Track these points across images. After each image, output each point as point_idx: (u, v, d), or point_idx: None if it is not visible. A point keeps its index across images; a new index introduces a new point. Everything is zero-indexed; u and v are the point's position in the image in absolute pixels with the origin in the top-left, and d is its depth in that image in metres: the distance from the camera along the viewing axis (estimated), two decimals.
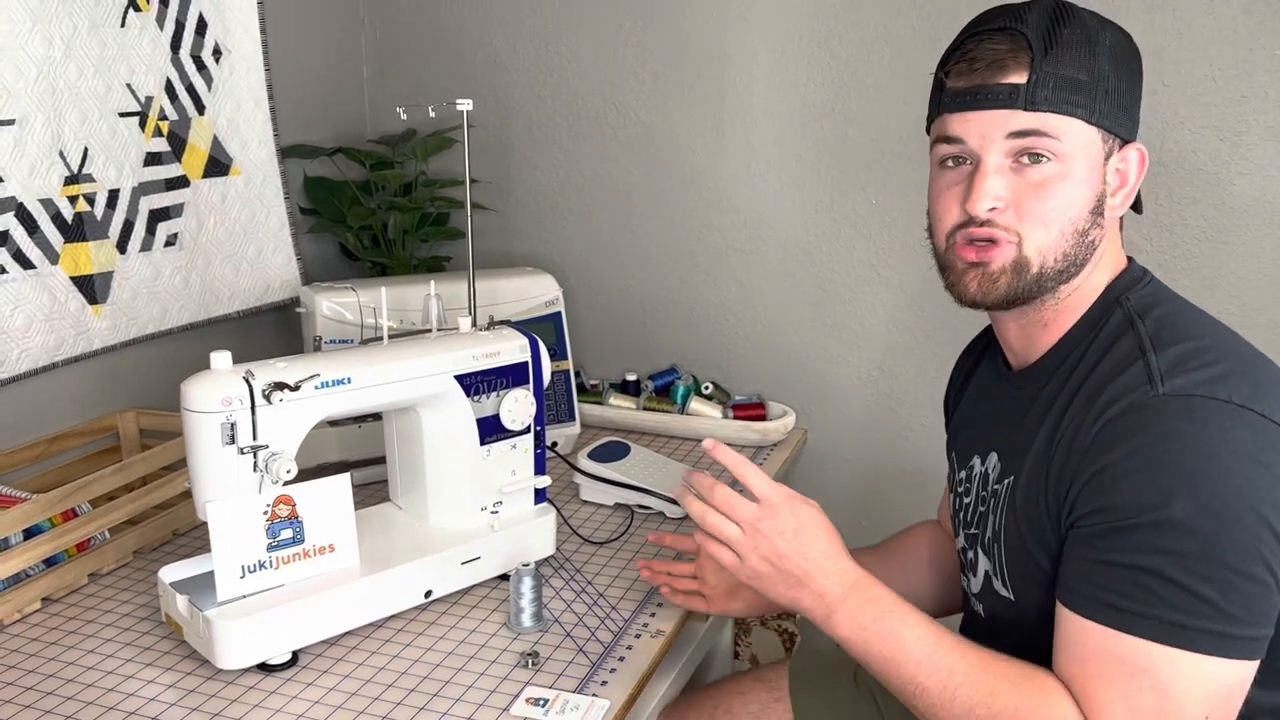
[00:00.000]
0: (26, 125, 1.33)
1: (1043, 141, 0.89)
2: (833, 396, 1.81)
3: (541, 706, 1.01)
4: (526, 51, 1.88)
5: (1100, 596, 0.83)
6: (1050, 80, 0.88)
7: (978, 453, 1.05)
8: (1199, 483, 0.79)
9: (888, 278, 1.73)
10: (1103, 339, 0.92)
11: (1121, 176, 0.94)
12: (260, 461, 1.06)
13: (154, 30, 1.50)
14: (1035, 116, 0.88)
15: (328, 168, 1.86)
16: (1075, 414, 0.88)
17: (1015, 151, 0.90)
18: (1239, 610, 0.79)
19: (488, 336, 1.24)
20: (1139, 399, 0.84)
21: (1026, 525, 0.92)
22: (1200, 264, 1.54)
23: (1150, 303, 0.93)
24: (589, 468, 1.48)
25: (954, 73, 0.92)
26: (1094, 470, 0.84)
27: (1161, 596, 0.80)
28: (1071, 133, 0.89)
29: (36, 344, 1.37)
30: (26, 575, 1.19)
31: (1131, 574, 0.81)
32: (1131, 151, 0.94)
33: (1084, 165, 0.90)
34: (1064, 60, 0.88)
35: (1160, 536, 0.80)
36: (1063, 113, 0.89)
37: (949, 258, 0.95)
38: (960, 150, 0.93)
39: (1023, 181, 0.90)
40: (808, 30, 1.69)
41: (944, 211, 0.95)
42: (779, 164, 1.76)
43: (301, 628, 1.08)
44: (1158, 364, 0.85)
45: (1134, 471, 0.82)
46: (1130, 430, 0.83)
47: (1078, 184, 0.90)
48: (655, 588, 1.24)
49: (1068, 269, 0.92)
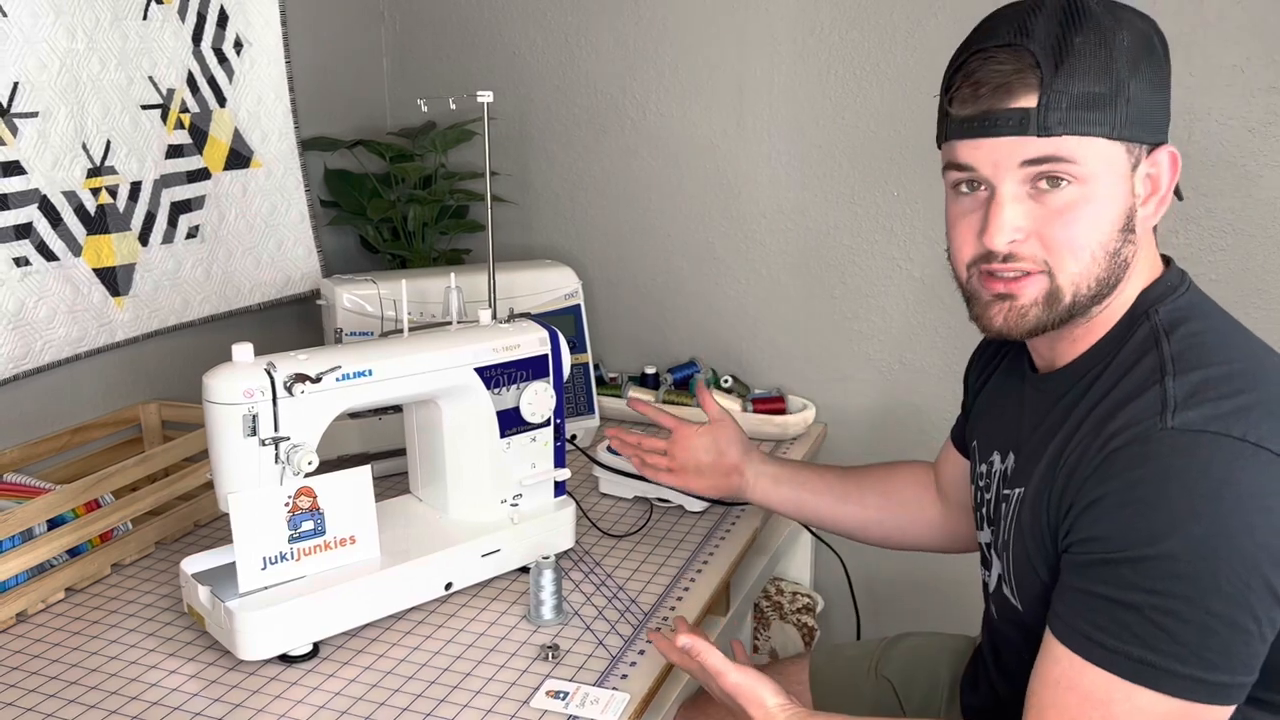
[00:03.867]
0: (50, 118, 1.34)
1: (1060, 167, 0.83)
2: (853, 390, 1.80)
3: (562, 699, 1.01)
4: (545, 44, 1.88)
5: (1077, 625, 0.81)
6: (1063, 100, 0.81)
7: (997, 449, 1.03)
8: (1192, 523, 0.76)
9: (909, 270, 1.72)
10: (1126, 355, 0.87)
11: (1153, 183, 0.87)
12: (282, 453, 1.06)
13: (175, 23, 1.50)
14: (1049, 142, 0.82)
15: (348, 160, 1.86)
16: (1084, 438, 0.85)
17: (1032, 178, 0.84)
18: (1216, 656, 0.76)
19: (508, 329, 1.24)
20: (1145, 431, 0.80)
21: (1032, 540, 0.90)
22: (1227, 257, 1.52)
23: (1180, 317, 0.88)
24: (608, 461, 1.48)
25: (958, 99, 0.86)
26: (1091, 499, 0.81)
27: (1135, 633, 0.77)
28: (1091, 153, 0.83)
29: (60, 336, 1.38)
30: (50, 565, 1.20)
31: (1110, 607, 0.79)
32: (1162, 155, 0.87)
33: (1109, 183, 0.84)
34: (1077, 74, 0.81)
35: (1145, 573, 0.77)
36: (1080, 134, 0.82)
37: (972, 288, 0.91)
38: (973, 176, 0.87)
39: (1043, 209, 0.85)
40: (828, 21, 1.68)
41: (962, 242, 0.90)
42: (799, 156, 1.75)
43: (322, 619, 1.08)
44: (1174, 391, 0.81)
45: (1128, 505, 0.79)
46: (1132, 463, 0.79)
47: (1104, 204, 0.84)
48: (675, 581, 1.24)
49: (1101, 292, 0.87)
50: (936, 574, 1.79)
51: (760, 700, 0.96)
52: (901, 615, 1.80)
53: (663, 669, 1.07)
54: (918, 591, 1.82)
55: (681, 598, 1.21)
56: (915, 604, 1.82)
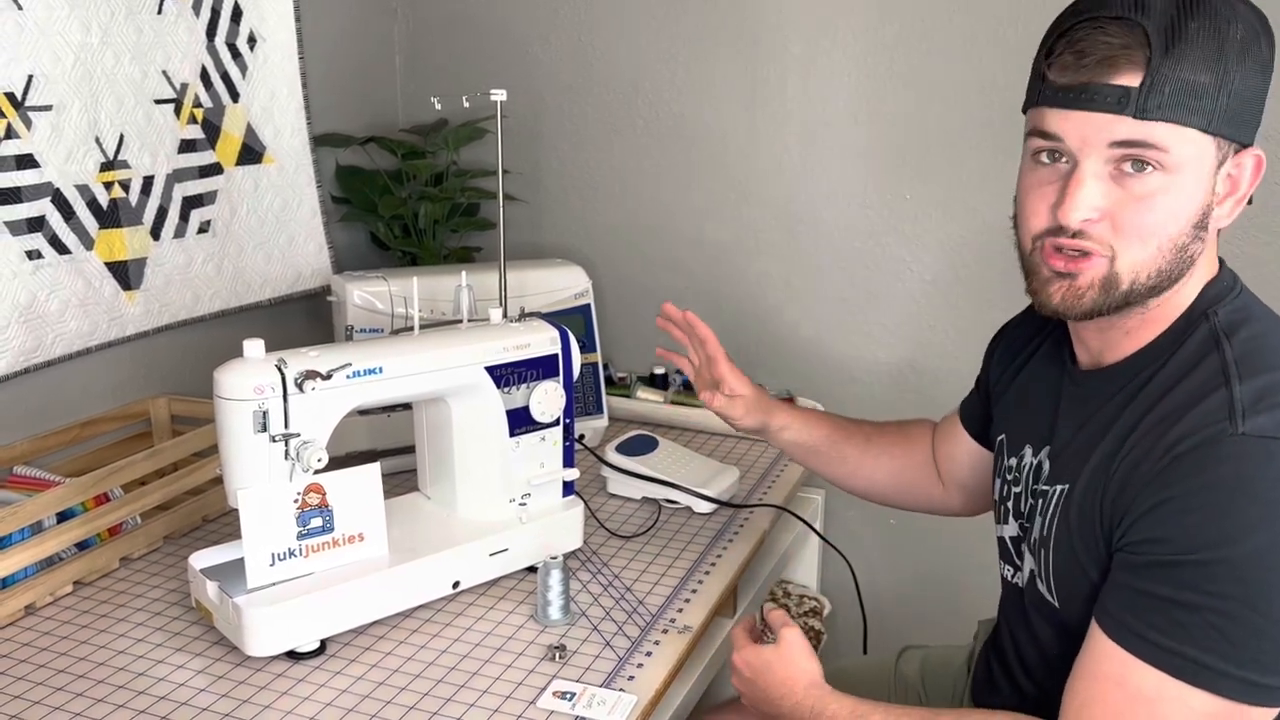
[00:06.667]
0: (64, 111, 1.34)
1: (1150, 153, 0.80)
2: (863, 393, 1.79)
3: (568, 700, 1.00)
4: (558, 42, 1.88)
5: (1133, 625, 0.81)
6: (1167, 85, 0.78)
7: (1030, 443, 1.01)
8: (1258, 531, 0.76)
9: (921, 274, 1.71)
10: (1185, 356, 0.86)
11: (1232, 183, 0.85)
12: (291, 450, 1.06)
13: (190, 17, 1.50)
14: (1145, 125, 0.80)
15: (359, 157, 1.86)
16: (1145, 437, 0.84)
17: (1118, 159, 0.82)
18: (1270, 659, 0.77)
19: (518, 328, 1.24)
20: (1215, 434, 0.79)
21: (1080, 539, 0.89)
22: (1245, 263, 1.50)
23: (1239, 319, 0.86)
24: (617, 461, 1.48)
25: (1058, 64, 0.82)
26: (1156, 501, 0.81)
27: (1191, 634, 0.78)
28: (1183, 143, 0.80)
29: (71, 329, 1.38)
30: (59, 558, 1.20)
31: (1169, 608, 0.79)
32: (1247, 158, 0.84)
33: (1193, 177, 0.82)
34: (1186, 60, 0.78)
35: (1207, 577, 0.78)
36: (1177, 122, 0.79)
37: (1034, 261, 0.88)
38: (1057, 147, 0.84)
39: (1123, 192, 0.82)
40: (843, 23, 1.67)
41: (1032, 213, 0.88)
42: (812, 158, 1.74)
43: (330, 616, 1.08)
44: (1241, 396, 0.80)
45: (1196, 509, 0.78)
46: (1201, 466, 0.79)
47: (1183, 197, 0.82)
48: (683, 583, 1.24)
49: (1160, 284, 0.85)
50: (944, 577, 1.78)
51: (814, 669, 1.02)
52: (909, 620, 1.79)
53: (670, 671, 1.07)
54: (925, 595, 1.81)
55: (689, 599, 1.21)
56: (923, 607, 1.81)
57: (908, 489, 1.28)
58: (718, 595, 1.23)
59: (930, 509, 1.29)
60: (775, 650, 1.04)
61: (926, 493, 1.27)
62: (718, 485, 1.45)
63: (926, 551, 1.79)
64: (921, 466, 1.27)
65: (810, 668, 1.02)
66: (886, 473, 1.28)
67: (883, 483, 1.28)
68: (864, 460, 1.28)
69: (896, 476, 1.27)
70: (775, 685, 1.02)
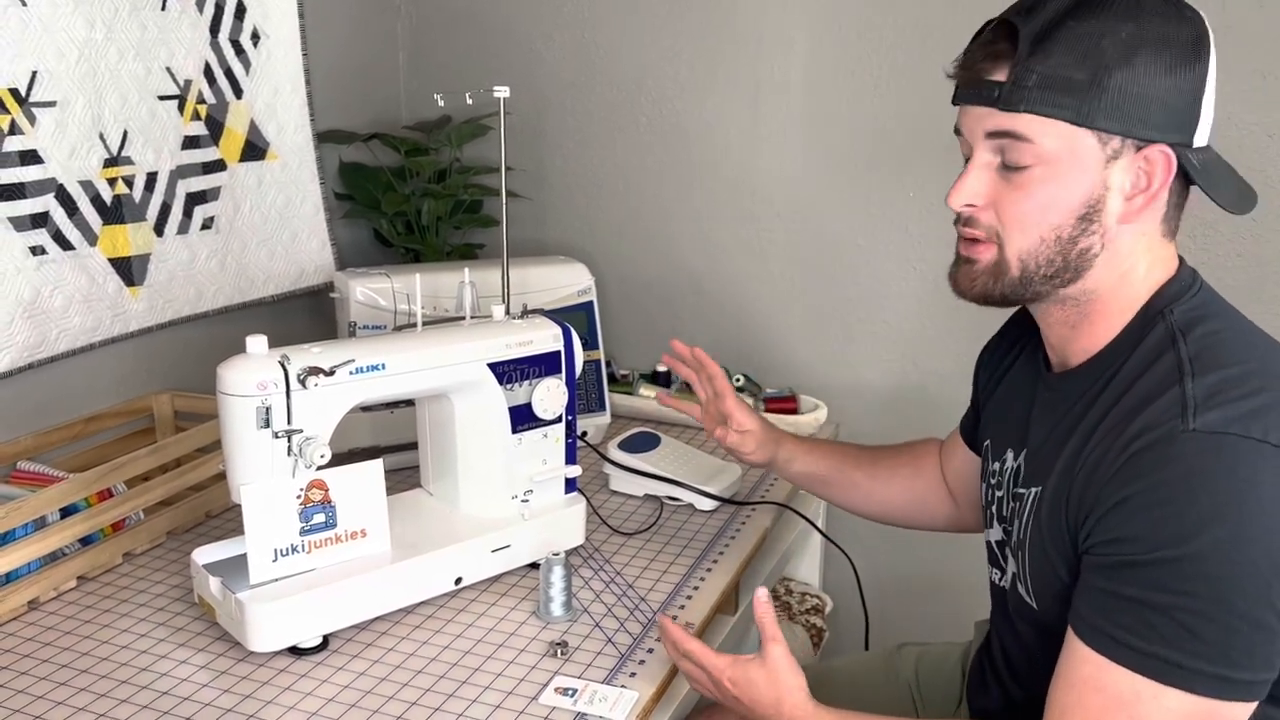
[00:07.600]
0: (67, 107, 1.34)
1: (1018, 143, 0.85)
2: (865, 390, 1.79)
3: (570, 696, 1.01)
4: (561, 39, 1.88)
5: (1102, 626, 0.81)
6: (1032, 77, 0.83)
7: (1010, 447, 1.02)
8: (1217, 525, 0.77)
9: (923, 271, 1.71)
10: (1141, 355, 0.87)
11: (1146, 178, 0.86)
12: (294, 446, 1.06)
13: (193, 14, 1.50)
14: (1010, 117, 0.85)
15: (363, 153, 1.86)
16: (1104, 437, 0.85)
17: (997, 150, 0.88)
18: (1240, 655, 0.77)
19: (521, 325, 1.24)
20: (1168, 432, 0.80)
21: (1051, 540, 0.90)
22: (1245, 263, 1.51)
23: (1196, 317, 0.88)
24: (619, 458, 1.48)
25: (957, 64, 0.91)
26: (1115, 500, 0.81)
27: (1162, 634, 0.78)
28: (1052, 135, 0.84)
29: (74, 325, 1.38)
30: (62, 554, 1.20)
31: (1136, 608, 0.80)
32: (1155, 153, 0.85)
33: (1072, 169, 0.85)
34: (1054, 56, 0.82)
35: (1171, 575, 0.78)
36: (1043, 114, 0.83)
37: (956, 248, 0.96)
38: (962, 143, 0.92)
39: (1005, 182, 0.88)
40: (846, 20, 1.67)
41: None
42: (815, 155, 1.74)
43: (332, 612, 1.08)
44: (1194, 392, 0.81)
45: (1154, 506, 0.79)
46: (1156, 464, 0.80)
47: (1062, 189, 0.86)
48: (685, 580, 1.24)
49: (1056, 275, 0.89)
50: (946, 575, 1.78)
51: (799, 684, 0.98)
52: (911, 617, 1.79)
53: (671, 667, 1.07)
54: (927, 594, 1.81)
55: (691, 596, 1.21)
56: (925, 606, 1.81)
57: (921, 509, 1.27)
58: (719, 592, 1.23)
59: (947, 527, 1.28)
60: (760, 665, 1.00)
61: (940, 511, 1.26)
62: (720, 482, 1.45)
63: (929, 550, 1.79)
64: (932, 485, 1.26)
65: (795, 683, 0.99)
66: (898, 494, 1.27)
67: (896, 504, 1.28)
68: (874, 484, 1.28)
69: (908, 497, 1.27)
70: (762, 703, 0.99)
